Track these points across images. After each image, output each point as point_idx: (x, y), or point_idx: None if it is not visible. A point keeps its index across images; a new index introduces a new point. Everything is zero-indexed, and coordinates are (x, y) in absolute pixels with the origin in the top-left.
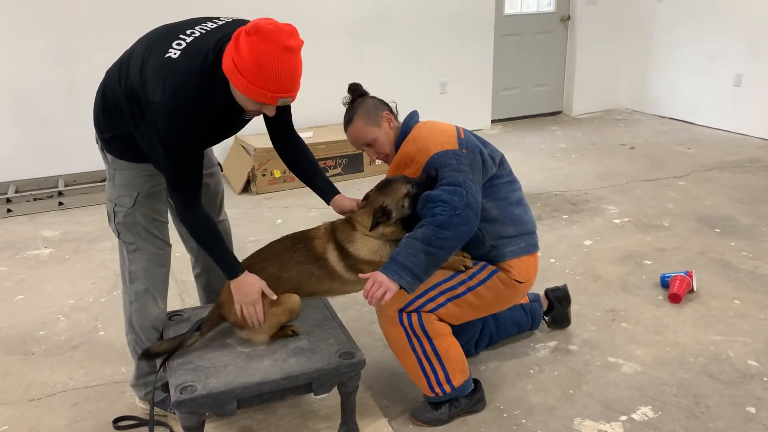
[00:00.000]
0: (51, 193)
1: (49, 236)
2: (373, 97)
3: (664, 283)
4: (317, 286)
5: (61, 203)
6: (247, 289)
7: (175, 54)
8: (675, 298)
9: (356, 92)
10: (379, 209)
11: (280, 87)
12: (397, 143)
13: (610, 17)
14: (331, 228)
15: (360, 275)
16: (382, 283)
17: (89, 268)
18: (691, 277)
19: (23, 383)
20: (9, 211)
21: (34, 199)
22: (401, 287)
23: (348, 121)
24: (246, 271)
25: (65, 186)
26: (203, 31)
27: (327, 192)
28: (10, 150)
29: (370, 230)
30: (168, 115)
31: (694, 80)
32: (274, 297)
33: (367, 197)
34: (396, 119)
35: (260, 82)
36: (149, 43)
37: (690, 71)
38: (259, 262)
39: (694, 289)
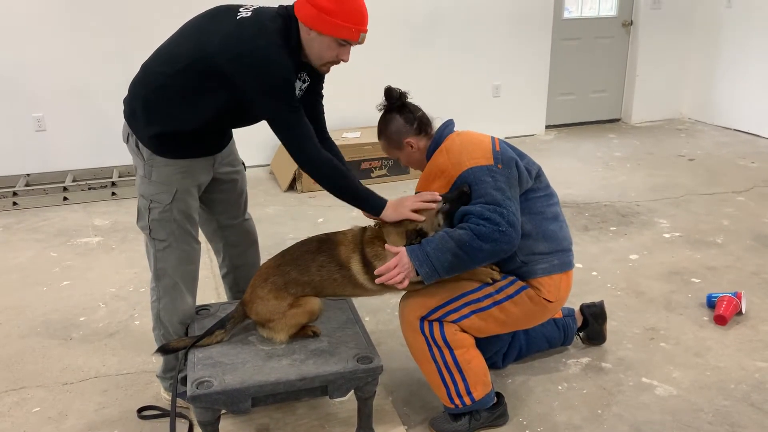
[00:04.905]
0: (105, 183)
1: (99, 225)
2: (403, 115)
3: (711, 304)
4: (339, 290)
5: (113, 193)
6: (398, 204)
7: (247, 14)
8: (721, 320)
9: (391, 99)
10: (413, 232)
11: (362, 19)
12: (429, 152)
13: (675, 23)
14: (360, 236)
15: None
16: (405, 267)
17: (133, 258)
18: (740, 298)
19: (59, 367)
20: (65, 199)
21: (89, 189)
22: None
23: (378, 134)
24: (388, 201)
25: (119, 177)
26: (260, 5)
27: None
28: (72, 141)
29: None
30: (261, 57)
31: (764, 90)
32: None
33: None
34: (429, 129)
35: (345, 16)
36: (207, 19)
37: (759, 80)
38: (283, 264)
39: (743, 311)
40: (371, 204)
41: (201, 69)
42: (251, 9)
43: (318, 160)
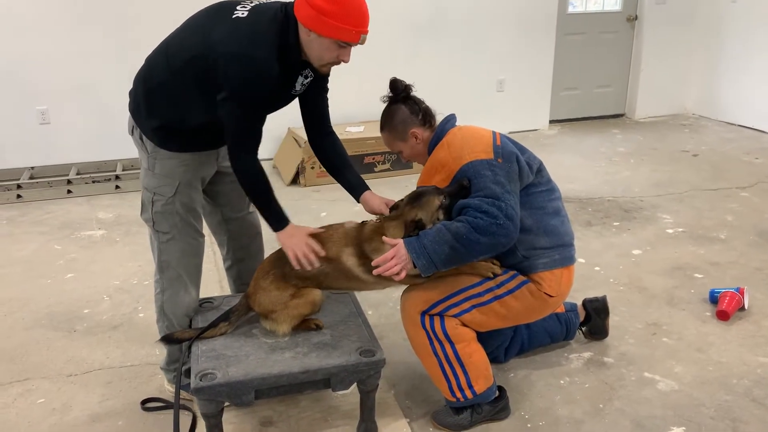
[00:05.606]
0: (109, 176)
1: (103, 218)
2: (408, 106)
3: (713, 299)
4: (336, 282)
5: (117, 186)
6: (295, 232)
7: (243, 14)
8: (723, 315)
9: (396, 90)
10: (411, 223)
11: (362, 20)
12: (431, 147)
13: (680, 18)
14: (356, 230)
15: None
16: (402, 258)
17: (137, 251)
18: (742, 294)
19: (63, 359)
20: (69, 192)
21: (93, 182)
22: (415, 266)
23: (381, 126)
24: (291, 223)
25: (122, 170)
26: (261, 1)
27: (356, 188)
28: (74, 135)
29: None
30: (247, 62)
31: None
32: (317, 247)
33: (396, 207)
34: (433, 121)
35: (344, 18)
36: (207, 15)
37: (764, 76)
38: (283, 256)
39: (746, 307)
40: (274, 222)
41: (200, 66)
42: (249, 7)
43: (251, 172)
